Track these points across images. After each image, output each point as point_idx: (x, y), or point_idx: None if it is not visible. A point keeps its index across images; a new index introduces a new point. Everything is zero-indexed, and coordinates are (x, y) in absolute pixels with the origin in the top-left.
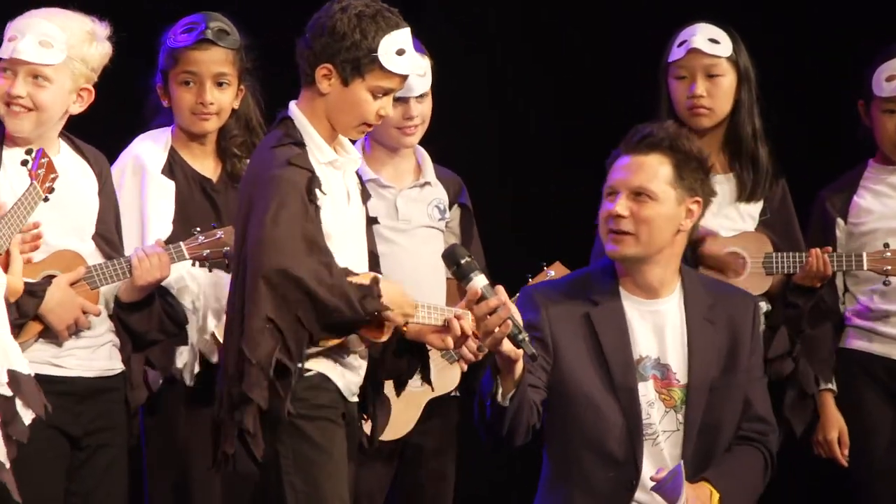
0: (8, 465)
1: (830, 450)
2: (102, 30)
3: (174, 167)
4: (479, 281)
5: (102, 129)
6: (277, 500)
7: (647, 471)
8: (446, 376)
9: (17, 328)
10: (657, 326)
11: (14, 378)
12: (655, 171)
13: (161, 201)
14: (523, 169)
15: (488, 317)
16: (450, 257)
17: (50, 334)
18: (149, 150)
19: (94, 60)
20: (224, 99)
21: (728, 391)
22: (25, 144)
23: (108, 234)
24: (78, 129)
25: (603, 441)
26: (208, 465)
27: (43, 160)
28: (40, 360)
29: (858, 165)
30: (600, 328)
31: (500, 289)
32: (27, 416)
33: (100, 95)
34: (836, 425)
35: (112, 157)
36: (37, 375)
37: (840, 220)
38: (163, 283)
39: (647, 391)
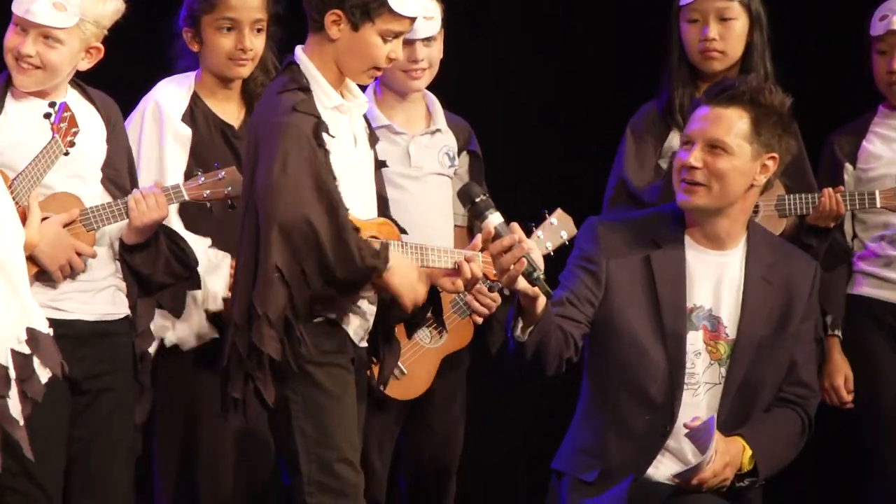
0: (22, 422)
1: (837, 395)
2: None
3: (195, 113)
4: (495, 219)
5: (124, 76)
6: (287, 446)
7: (683, 419)
8: (459, 333)
9: None
10: (716, 278)
11: (33, 336)
12: (733, 124)
13: (178, 149)
14: (526, 159)
15: (503, 255)
16: (465, 195)
17: (46, 276)
18: (171, 94)
19: (106, 19)
20: (259, 44)
21: (774, 352)
22: (34, 97)
23: (119, 179)
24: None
25: (643, 384)
26: (217, 412)
27: (66, 114)
28: (38, 303)
29: (868, 110)
30: (658, 272)
31: (515, 226)
32: (44, 374)
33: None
34: (841, 371)
35: (132, 104)
36: None
37: (848, 165)
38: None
39: (695, 340)
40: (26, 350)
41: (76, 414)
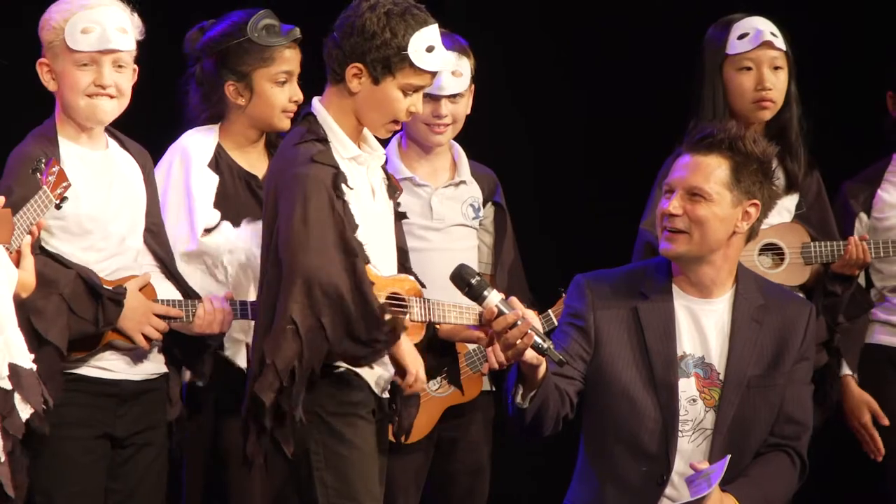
0: (3, 459)
1: (869, 433)
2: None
3: (220, 163)
4: (494, 297)
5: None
6: (308, 497)
7: (680, 467)
8: (466, 386)
9: (98, 337)
10: (704, 325)
11: (15, 372)
12: (712, 171)
13: (204, 193)
14: (552, 211)
15: (508, 331)
16: (459, 278)
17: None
18: (198, 142)
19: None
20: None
21: (765, 392)
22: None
23: (155, 228)
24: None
25: (637, 434)
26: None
27: (53, 169)
28: (85, 363)
29: (883, 158)
30: (646, 322)
31: (515, 300)
32: (25, 410)
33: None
34: (864, 404)
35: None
36: (81, 377)
37: (863, 215)
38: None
39: (687, 387)
40: (7, 386)
41: (115, 466)
